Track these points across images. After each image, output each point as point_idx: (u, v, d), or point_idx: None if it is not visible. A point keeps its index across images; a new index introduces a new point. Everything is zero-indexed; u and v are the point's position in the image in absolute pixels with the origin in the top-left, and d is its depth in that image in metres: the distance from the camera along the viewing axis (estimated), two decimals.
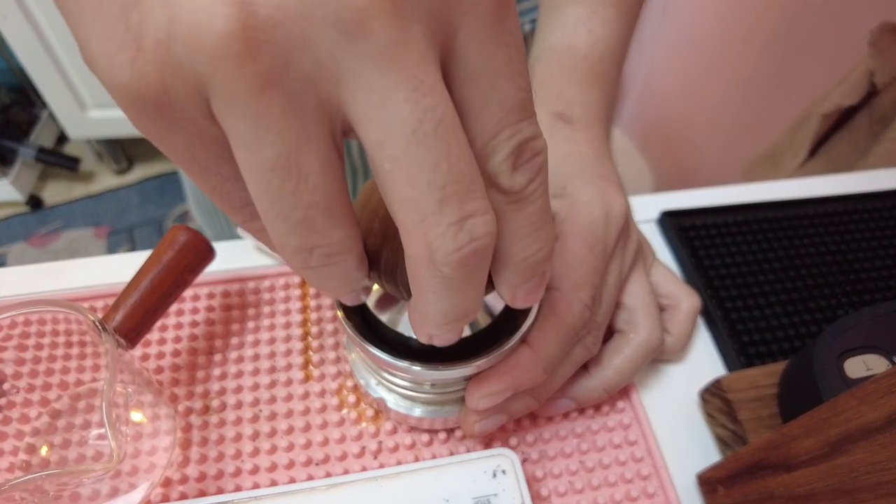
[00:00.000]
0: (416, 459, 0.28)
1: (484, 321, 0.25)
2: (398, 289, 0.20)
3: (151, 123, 0.12)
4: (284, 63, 0.11)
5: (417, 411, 0.27)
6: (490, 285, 0.20)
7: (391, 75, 0.12)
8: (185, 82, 0.12)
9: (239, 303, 0.33)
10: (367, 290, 0.19)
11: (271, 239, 0.14)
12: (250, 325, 0.32)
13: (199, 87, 0.12)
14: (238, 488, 0.27)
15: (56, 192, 1.48)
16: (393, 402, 0.27)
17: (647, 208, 0.40)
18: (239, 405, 0.29)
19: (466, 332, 0.24)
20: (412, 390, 0.26)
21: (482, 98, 0.13)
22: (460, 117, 0.13)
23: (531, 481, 0.28)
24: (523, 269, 0.17)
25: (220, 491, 0.27)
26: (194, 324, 0.32)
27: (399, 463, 0.28)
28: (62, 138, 1.54)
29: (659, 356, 0.32)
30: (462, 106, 0.13)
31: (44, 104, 1.37)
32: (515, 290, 0.18)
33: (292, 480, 0.27)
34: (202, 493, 0.27)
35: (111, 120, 1.33)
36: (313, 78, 0.12)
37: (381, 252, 0.19)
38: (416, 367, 0.23)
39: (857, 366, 0.26)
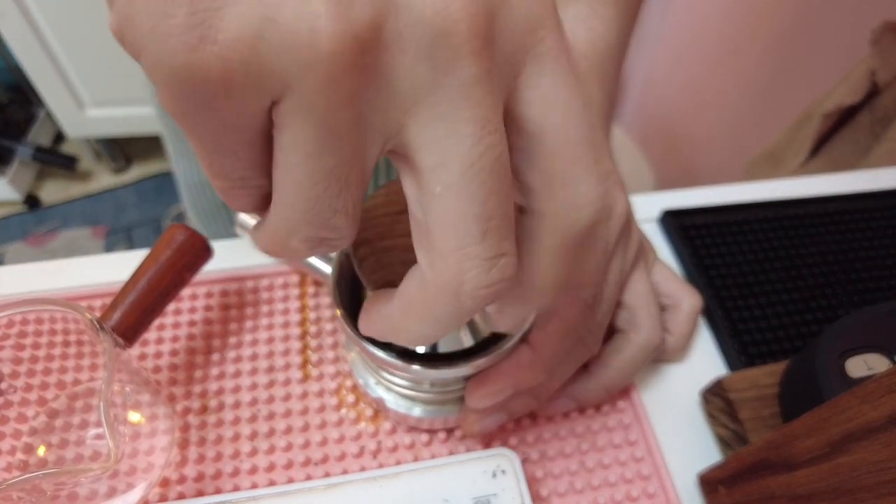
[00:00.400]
0: (416, 459, 0.28)
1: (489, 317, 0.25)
2: (364, 279, 0.21)
3: (188, 105, 0.12)
4: (367, 86, 0.12)
5: (417, 411, 0.27)
6: None
7: (464, 111, 0.12)
8: (260, 81, 0.12)
9: (237, 302, 0.33)
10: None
11: (276, 220, 0.14)
12: (248, 324, 0.32)
13: (274, 89, 0.12)
14: (236, 488, 0.27)
15: (53, 191, 1.48)
16: (392, 401, 0.27)
17: (648, 207, 0.40)
18: (237, 405, 0.29)
19: (465, 333, 0.24)
20: (411, 390, 0.26)
21: (555, 131, 0.14)
22: (538, 150, 0.14)
23: (531, 481, 0.27)
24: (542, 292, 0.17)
25: (218, 491, 0.27)
26: (192, 323, 0.32)
27: (398, 463, 0.28)
28: (60, 137, 1.53)
29: (660, 356, 0.32)
30: (529, 139, 0.14)
31: (41, 103, 1.37)
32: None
33: (291, 480, 0.27)
34: (200, 493, 0.27)
35: (109, 119, 1.33)
36: (387, 103, 0.12)
37: (359, 247, 0.21)
38: (416, 367, 0.23)
39: (859, 365, 0.26)
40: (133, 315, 0.26)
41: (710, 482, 0.27)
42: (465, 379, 0.25)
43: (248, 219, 0.32)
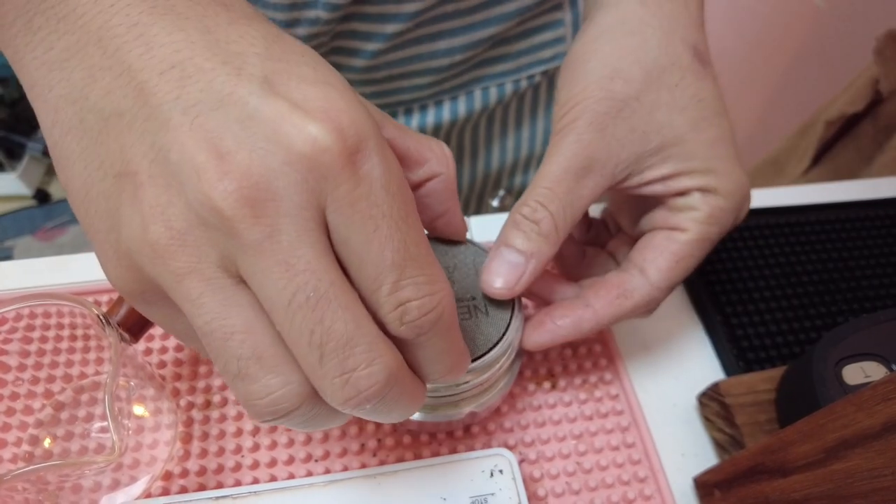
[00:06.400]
0: (415, 457, 0.28)
1: (480, 322, 0.25)
2: None
3: (138, 304, 0.17)
4: (197, 258, 0.15)
5: (416, 415, 0.27)
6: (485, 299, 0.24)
7: (264, 261, 0.14)
8: (142, 278, 0.16)
9: None
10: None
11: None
12: None
13: (151, 281, 0.16)
14: (237, 483, 0.27)
15: None
16: None
17: None
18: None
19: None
20: None
21: (356, 261, 0.16)
22: (349, 277, 0.16)
23: (528, 481, 0.28)
24: (435, 379, 0.20)
25: (219, 485, 0.27)
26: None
27: (398, 461, 0.28)
28: None
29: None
30: (346, 268, 0.16)
31: None
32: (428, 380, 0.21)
33: (291, 476, 0.27)
34: (202, 487, 0.27)
35: None
36: (224, 263, 0.15)
37: None
38: None
39: (856, 372, 0.26)
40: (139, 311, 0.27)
41: (705, 485, 0.27)
42: (458, 385, 0.25)
43: None
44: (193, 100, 0.14)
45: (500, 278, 0.24)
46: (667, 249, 0.26)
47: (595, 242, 0.32)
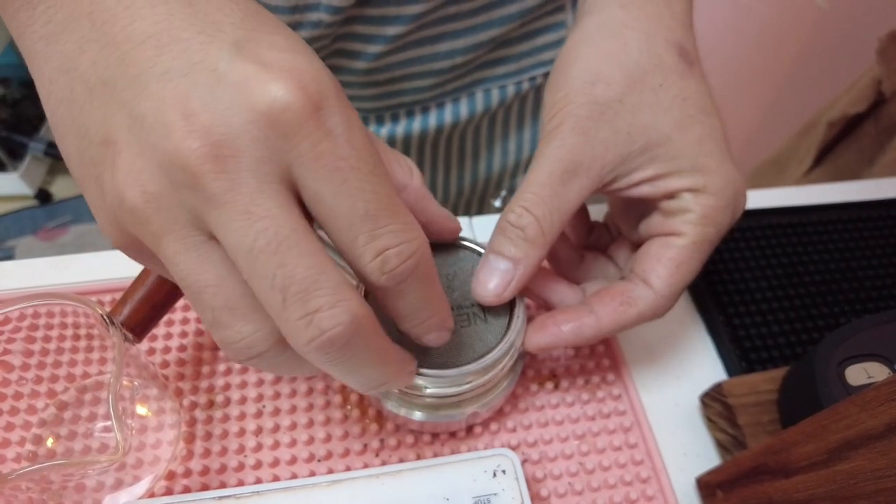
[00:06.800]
0: (418, 457, 0.28)
1: (480, 328, 0.25)
2: None
3: (135, 258, 0.19)
4: (171, 219, 0.16)
5: (417, 415, 0.27)
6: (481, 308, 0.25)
7: (227, 213, 0.15)
8: (130, 237, 0.17)
9: None
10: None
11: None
12: None
13: (138, 239, 0.17)
14: (240, 483, 0.27)
15: (65, 186, 1.49)
16: (393, 407, 0.27)
17: None
18: (243, 400, 0.30)
19: (459, 338, 0.25)
20: (409, 396, 0.26)
21: (330, 214, 0.16)
22: (326, 230, 0.17)
23: (531, 482, 0.28)
24: (416, 334, 0.21)
25: (222, 485, 0.27)
26: (200, 319, 0.33)
27: (401, 461, 0.28)
28: None
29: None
30: (323, 225, 0.17)
31: None
32: (419, 339, 0.22)
33: (294, 476, 0.27)
34: (205, 487, 0.27)
35: None
36: (195, 222, 0.16)
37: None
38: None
39: (858, 373, 0.26)
40: (142, 310, 0.27)
41: (707, 486, 0.27)
42: (460, 385, 0.25)
43: None
44: (167, 67, 0.16)
45: (488, 286, 0.25)
46: (665, 256, 0.26)
47: (596, 246, 0.32)
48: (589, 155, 0.24)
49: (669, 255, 0.25)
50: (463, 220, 0.38)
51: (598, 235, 0.32)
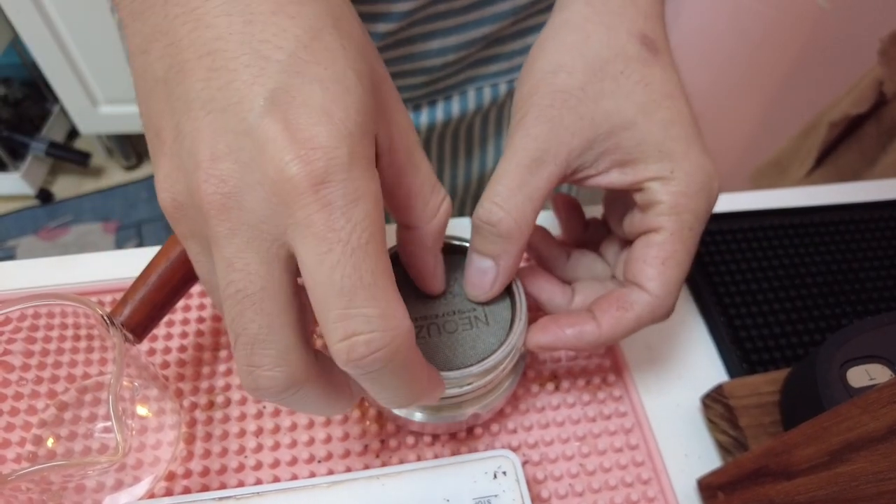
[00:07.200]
0: (419, 459, 0.28)
1: (481, 332, 0.25)
2: None
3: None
4: (190, 230, 0.18)
5: (418, 416, 0.27)
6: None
7: (218, 252, 0.17)
8: (186, 226, 0.19)
9: None
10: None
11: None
12: None
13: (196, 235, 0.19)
14: (241, 484, 0.27)
15: (66, 186, 1.49)
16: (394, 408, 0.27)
17: None
18: (243, 401, 0.30)
19: (460, 338, 0.25)
20: None
21: (309, 283, 0.17)
22: (310, 299, 0.17)
23: (532, 483, 0.28)
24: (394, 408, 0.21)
25: (222, 486, 0.27)
26: (201, 320, 0.33)
27: (401, 462, 0.28)
28: (73, 133, 1.55)
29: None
30: (307, 289, 0.17)
31: (55, 99, 1.38)
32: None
33: (294, 477, 0.27)
34: (205, 488, 0.27)
35: (122, 116, 1.34)
36: (204, 241, 0.18)
37: None
38: None
39: (860, 375, 0.26)
40: (143, 311, 0.27)
41: (709, 488, 0.27)
42: (461, 388, 0.25)
43: None
44: (212, 96, 0.17)
45: (474, 285, 0.26)
46: (649, 256, 0.25)
47: (592, 243, 0.32)
48: (555, 142, 0.24)
49: (653, 253, 0.25)
50: (461, 221, 0.38)
51: (594, 232, 0.32)
